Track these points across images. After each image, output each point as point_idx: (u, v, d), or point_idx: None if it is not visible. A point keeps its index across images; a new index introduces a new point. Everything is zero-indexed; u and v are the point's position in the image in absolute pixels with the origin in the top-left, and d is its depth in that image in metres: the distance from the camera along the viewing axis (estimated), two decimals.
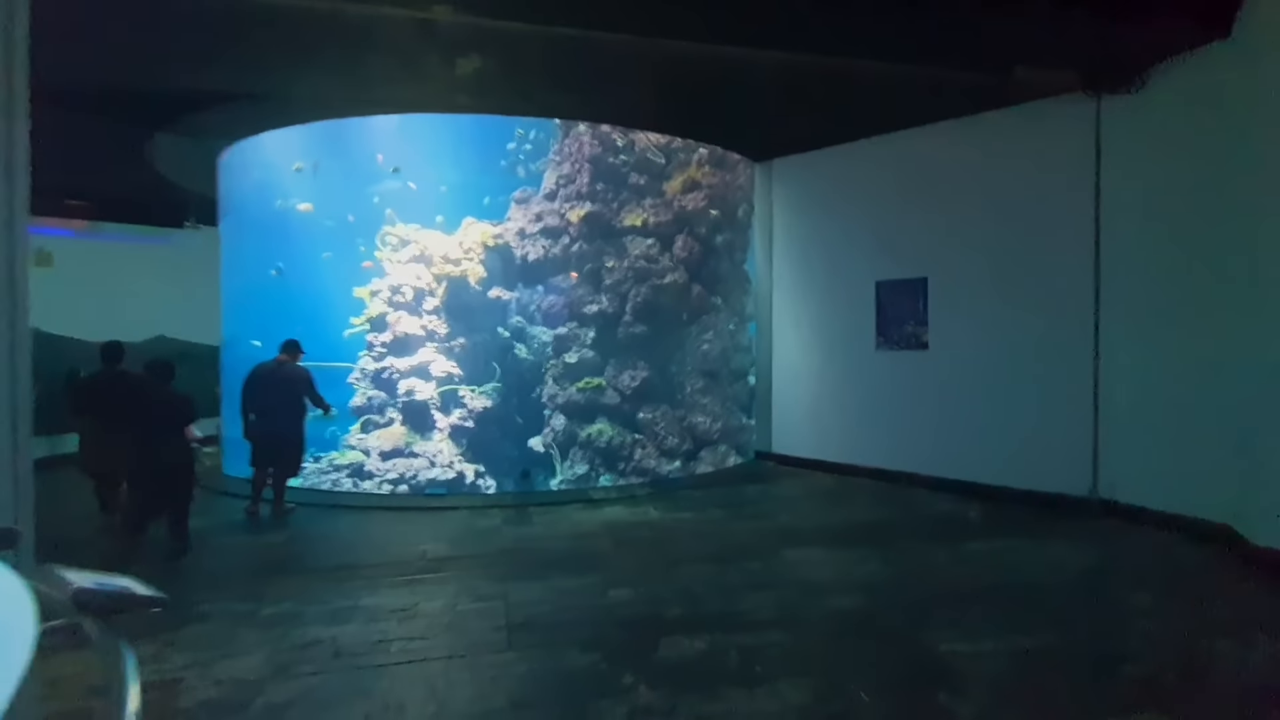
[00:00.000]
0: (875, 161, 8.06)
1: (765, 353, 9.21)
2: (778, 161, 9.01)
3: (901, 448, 7.84)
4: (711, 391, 9.16)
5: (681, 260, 9.05)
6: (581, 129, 9.13)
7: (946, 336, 7.52)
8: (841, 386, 8.35)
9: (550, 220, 9.28)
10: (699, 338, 9.17)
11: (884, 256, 7.99)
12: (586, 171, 9.10)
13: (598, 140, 9.10)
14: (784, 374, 9.04)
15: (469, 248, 9.06)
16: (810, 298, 8.72)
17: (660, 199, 9.13)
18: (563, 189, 9.29)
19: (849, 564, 5.03)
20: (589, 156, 9.10)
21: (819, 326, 8.63)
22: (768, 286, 9.13)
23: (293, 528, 6.19)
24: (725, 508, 6.84)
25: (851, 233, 8.27)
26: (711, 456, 9.03)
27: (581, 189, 9.11)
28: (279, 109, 6.93)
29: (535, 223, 9.31)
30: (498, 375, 9.33)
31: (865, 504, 7.06)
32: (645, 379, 8.93)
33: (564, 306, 9.12)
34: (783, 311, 9.04)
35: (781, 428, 9.08)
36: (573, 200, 9.18)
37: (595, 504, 7.09)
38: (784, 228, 9.02)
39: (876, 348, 8.02)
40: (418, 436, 8.80)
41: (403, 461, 8.56)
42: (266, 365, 6.59)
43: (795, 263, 8.91)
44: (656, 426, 8.92)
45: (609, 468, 8.84)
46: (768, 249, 9.14)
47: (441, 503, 7.03)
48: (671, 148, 9.23)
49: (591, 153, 9.09)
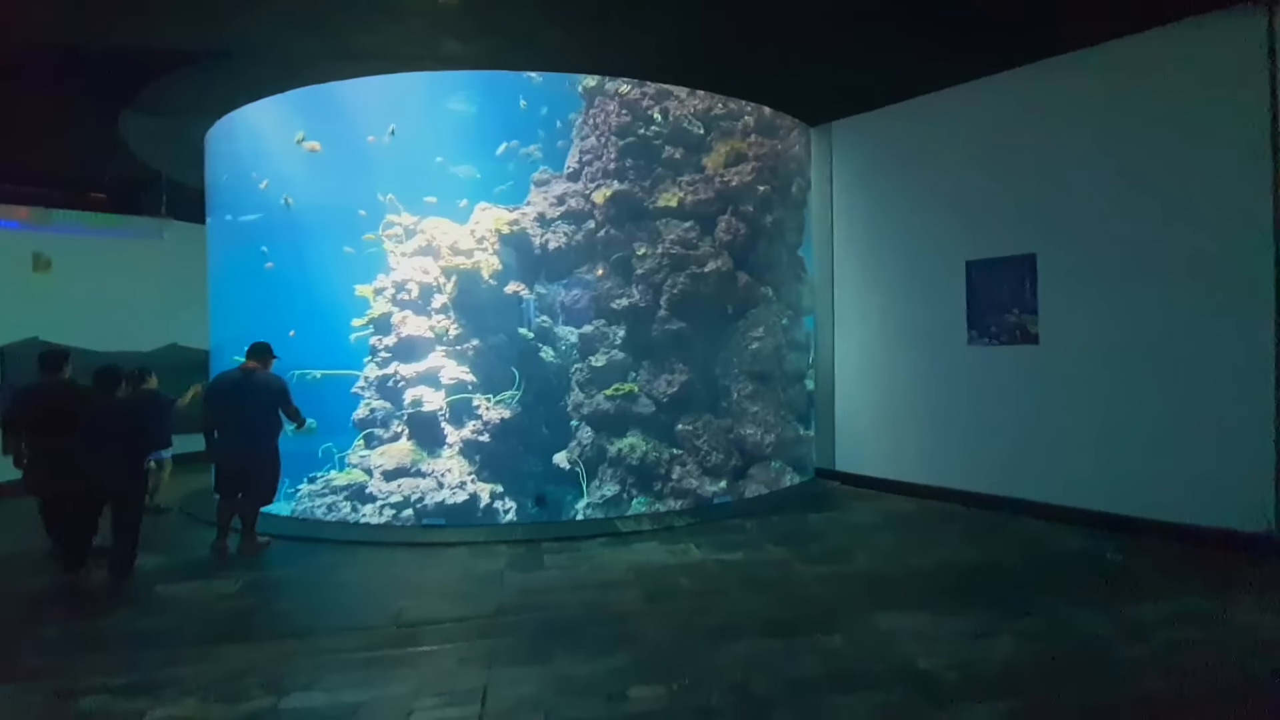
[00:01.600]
0: (962, 115, 6.51)
1: (826, 351, 7.73)
2: (838, 125, 7.53)
3: (1003, 467, 6.25)
4: (762, 397, 7.72)
5: (725, 245, 7.66)
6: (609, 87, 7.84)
7: (1063, 327, 5.92)
8: (923, 391, 6.81)
9: (574, 203, 8.02)
10: (746, 334, 7.75)
11: (976, 230, 6.43)
12: (613, 146, 7.81)
13: (625, 109, 7.80)
14: (849, 376, 7.54)
15: (481, 236, 7.89)
16: (881, 284, 7.21)
17: (699, 175, 7.77)
18: (587, 167, 8.02)
19: (971, 640, 3.57)
20: (615, 128, 7.80)
21: (893, 318, 7.10)
22: (827, 273, 7.66)
23: (257, 571, 5.06)
24: (785, 544, 5.41)
25: (933, 204, 6.74)
26: (763, 475, 7.59)
27: (608, 166, 7.83)
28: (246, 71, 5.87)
29: (556, 206, 8.07)
30: (517, 382, 8.13)
31: (963, 540, 5.53)
32: (684, 384, 7.56)
33: (589, 301, 7.84)
34: (846, 302, 7.55)
35: (847, 441, 7.58)
36: (598, 179, 7.90)
37: (623, 538, 5.75)
38: (846, 203, 7.54)
39: (969, 342, 6.46)
40: (425, 453, 7.64)
41: (409, 482, 7.41)
42: (231, 374, 5.50)
43: (861, 243, 7.41)
44: (698, 440, 7.54)
45: (643, 488, 7.50)
46: (827, 229, 7.67)
47: (440, 536, 5.82)
48: (712, 115, 7.86)
49: (619, 123, 7.79)
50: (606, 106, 7.83)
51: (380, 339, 7.88)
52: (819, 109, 7.36)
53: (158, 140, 6.82)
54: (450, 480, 7.40)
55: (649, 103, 7.76)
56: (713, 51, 6.06)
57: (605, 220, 7.74)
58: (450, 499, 7.23)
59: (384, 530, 6.22)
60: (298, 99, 6.73)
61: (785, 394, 7.87)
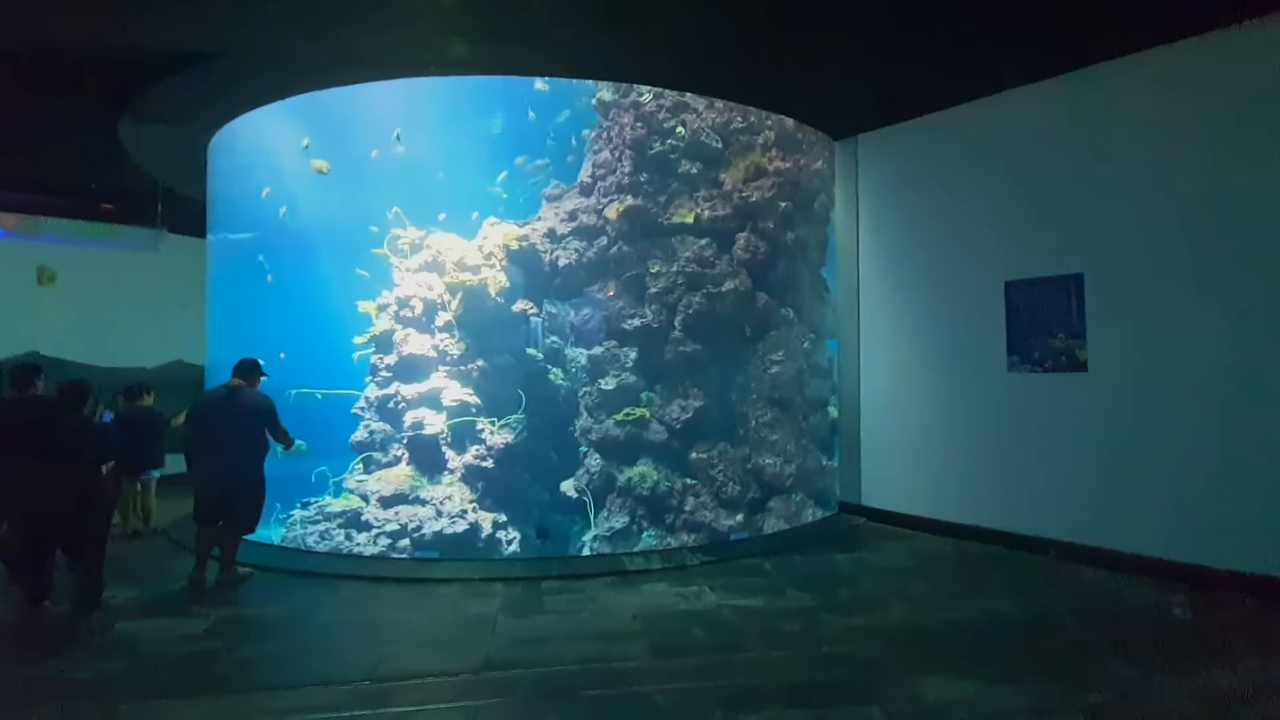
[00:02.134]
0: (1000, 125, 6.07)
1: (851, 377, 7.22)
2: (864, 138, 7.12)
3: (1050, 507, 5.66)
4: (782, 425, 7.22)
5: (743, 263, 7.24)
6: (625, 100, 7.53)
7: (1115, 353, 5.38)
8: (958, 420, 6.27)
9: (586, 218, 7.67)
10: (766, 358, 7.28)
11: (1017, 248, 5.94)
12: (628, 159, 7.47)
13: (641, 122, 7.48)
14: (876, 404, 7.01)
15: (489, 252, 7.55)
16: (911, 306, 6.72)
17: (717, 190, 7.39)
18: (600, 181, 7.69)
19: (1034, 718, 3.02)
20: (630, 141, 7.47)
21: (924, 343, 6.59)
22: (853, 294, 7.18)
23: (231, 608, 4.63)
24: (810, 588, 4.87)
25: (968, 220, 6.27)
26: (783, 509, 7.04)
27: (622, 180, 7.48)
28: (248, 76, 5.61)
29: (568, 222, 7.73)
30: (523, 405, 7.71)
31: (1009, 589, 4.94)
32: (699, 409, 7.10)
33: (600, 321, 7.43)
34: (874, 325, 7.06)
35: (874, 473, 7.02)
36: (611, 194, 7.56)
37: (631, 578, 5.24)
38: (873, 220, 7.09)
39: (1009, 369, 5.93)
40: (424, 479, 7.22)
41: (406, 509, 6.98)
42: (214, 393, 5.14)
43: (889, 263, 6.94)
44: (713, 469, 7.03)
45: (654, 520, 6.99)
46: (852, 247, 7.22)
47: (433, 572, 5.35)
48: (731, 129, 7.51)
49: (633, 137, 7.46)
50: (621, 119, 7.51)
51: (381, 358, 7.53)
52: (844, 121, 6.97)
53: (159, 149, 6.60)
54: (450, 508, 6.95)
55: (665, 115, 7.43)
56: (733, 58, 5.71)
57: (618, 236, 7.37)
58: (449, 528, 6.77)
59: (373, 564, 5.77)
60: (301, 107, 6.49)
61: (807, 422, 7.35)
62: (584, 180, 7.82)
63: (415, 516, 6.84)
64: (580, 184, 7.86)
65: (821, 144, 7.45)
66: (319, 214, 7.24)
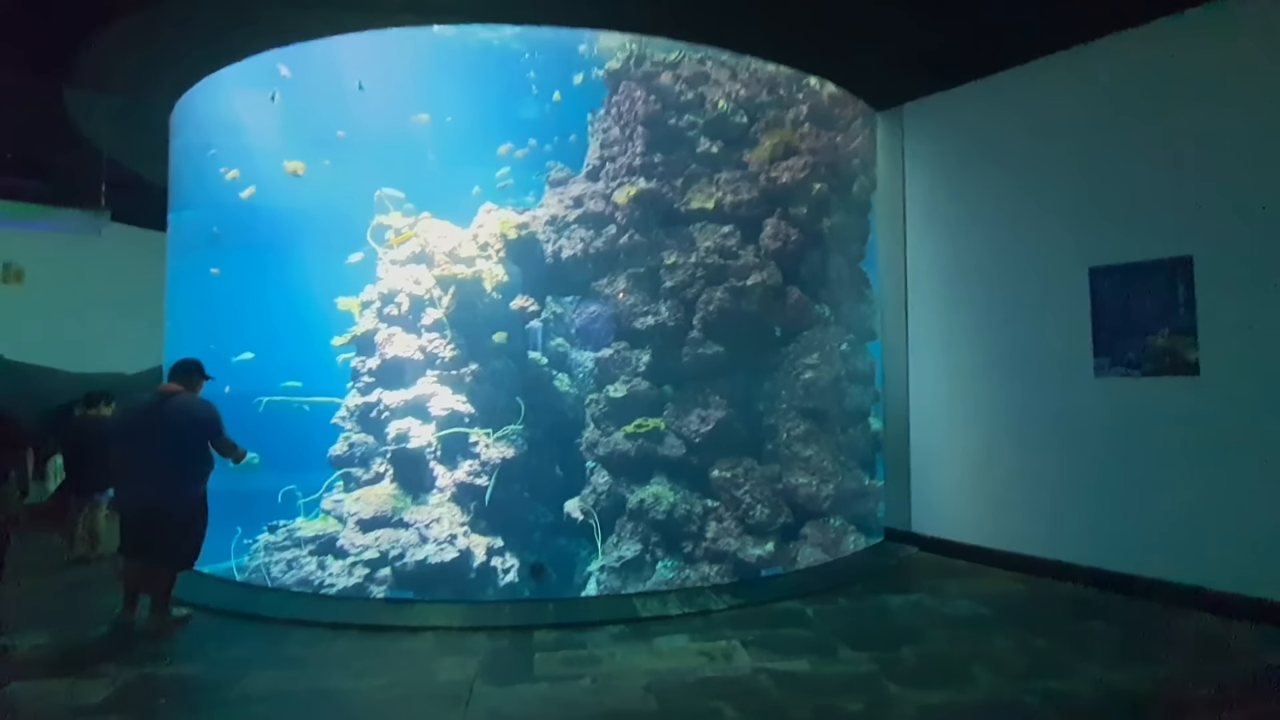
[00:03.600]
0: (1081, 84, 5.07)
1: (897, 384, 6.21)
2: (911, 108, 6.14)
3: (1151, 539, 4.61)
4: (817, 439, 6.21)
5: (772, 254, 6.28)
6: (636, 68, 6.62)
7: (1233, 351, 4.34)
8: (1031, 435, 5.24)
9: (592, 205, 6.76)
10: (798, 362, 6.30)
11: (1103, 229, 4.93)
12: (640, 138, 6.56)
13: (655, 95, 6.57)
14: (928, 416, 5.99)
15: (485, 242, 6.66)
16: (970, 302, 5.71)
17: (742, 171, 6.45)
18: (609, 163, 6.78)
19: None
20: (643, 117, 6.56)
21: (987, 344, 5.58)
22: (899, 289, 6.19)
23: (150, 666, 3.70)
24: (866, 646, 3.86)
25: (1040, 199, 5.27)
26: (820, 536, 6.02)
27: (633, 161, 6.57)
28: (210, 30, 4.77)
29: (572, 209, 6.82)
30: (523, 414, 6.79)
31: (1117, 645, 3.90)
32: (721, 421, 6.13)
33: (608, 320, 6.50)
34: (924, 324, 6.05)
35: (927, 496, 5.99)
36: (621, 177, 6.64)
37: (644, 627, 4.25)
38: (923, 203, 6.11)
39: (1097, 373, 4.90)
40: (409, 499, 6.30)
41: (387, 534, 6.05)
42: (142, 402, 4.25)
43: (943, 252, 5.95)
44: (738, 490, 6.04)
45: (669, 549, 6.00)
46: (898, 235, 6.23)
47: (404, 618, 4.40)
48: (757, 102, 6.57)
49: (647, 112, 6.55)
50: (633, 93, 6.61)
51: (363, 360, 6.65)
52: (886, 86, 5.99)
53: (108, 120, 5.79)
54: (437, 533, 6.02)
55: (682, 88, 6.53)
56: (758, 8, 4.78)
57: (628, 224, 6.44)
58: (436, 556, 5.83)
59: (335, 606, 4.82)
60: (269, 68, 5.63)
61: (845, 435, 6.34)
62: (591, 163, 6.92)
63: (397, 542, 5.91)
64: (587, 167, 6.96)
65: (862, 116, 6.49)
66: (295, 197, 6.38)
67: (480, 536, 6.30)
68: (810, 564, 5.71)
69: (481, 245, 6.60)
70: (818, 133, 6.38)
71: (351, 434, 6.58)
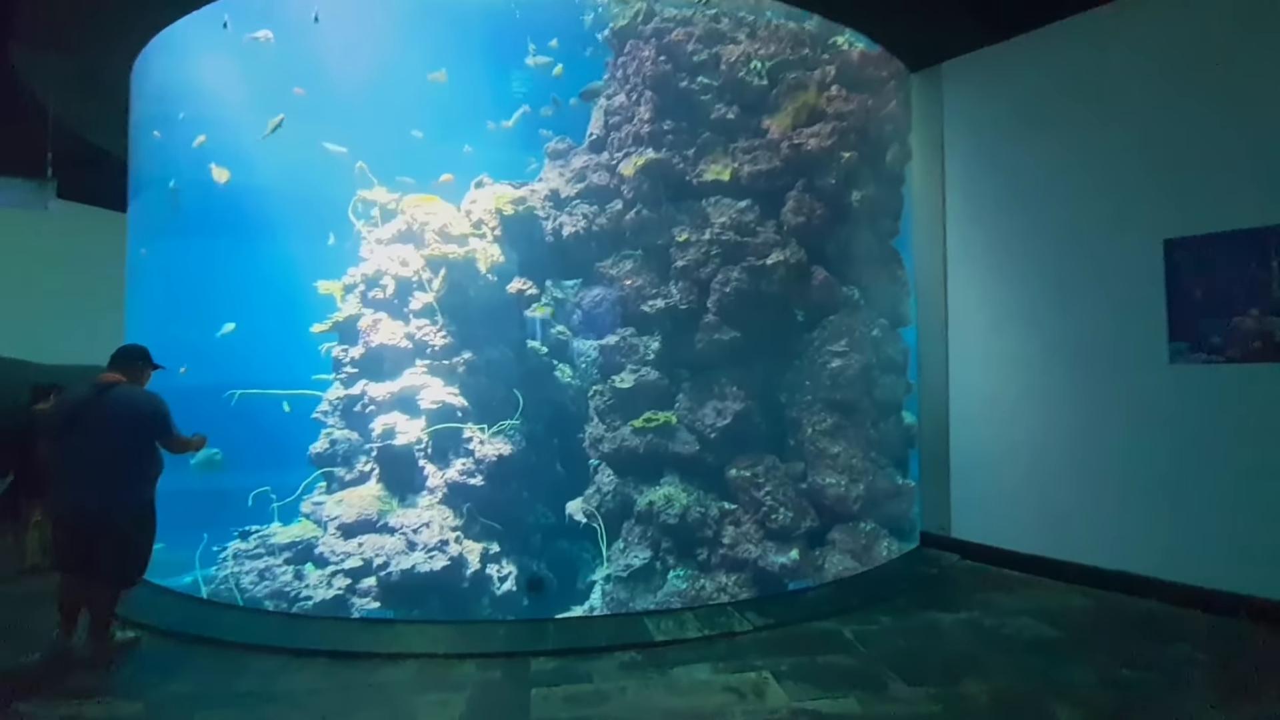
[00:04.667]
0: (1149, 32, 4.42)
1: (935, 373, 5.59)
2: (950, 66, 5.48)
3: (1237, 548, 3.99)
4: (845, 435, 5.59)
5: (795, 230, 5.63)
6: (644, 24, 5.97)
7: None
8: (1093, 429, 4.61)
9: (597, 178, 6.12)
10: (824, 349, 5.66)
11: (1180, 195, 4.29)
12: (648, 103, 5.91)
13: (665, 55, 5.93)
14: (971, 408, 5.37)
15: (479, 219, 6.05)
16: (1019, 280, 5.08)
17: (761, 140, 5.80)
18: (614, 131, 6.14)
19: None
20: (651, 79, 5.91)
21: (1040, 328, 4.94)
22: (937, 267, 5.56)
23: (76, 704, 3.14)
24: (922, 679, 3.25)
25: (1105, 163, 4.62)
26: (850, 541, 5.40)
27: (640, 129, 5.92)
28: None
29: (574, 183, 6.19)
30: (521, 408, 6.19)
31: (1213, 675, 3.30)
32: (739, 414, 5.50)
33: (614, 303, 5.89)
34: (966, 306, 5.42)
35: (969, 497, 5.37)
36: (627, 147, 6.01)
37: (658, 654, 3.66)
38: (966, 170, 5.46)
39: (1172, 359, 4.27)
40: (395, 501, 5.71)
41: (372, 540, 5.46)
42: (77, 393, 3.66)
43: (988, 226, 5.31)
44: (758, 490, 5.43)
45: (683, 556, 5.39)
46: (936, 209, 5.59)
47: (380, 643, 3.81)
48: (778, 61, 5.93)
49: (655, 73, 5.89)
50: (640, 53, 5.95)
51: (345, 350, 6.05)
52: (923, 43, 5.33)
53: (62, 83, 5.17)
54: (427, 538, 5.44)
55: (695, 46, 5.88)
56: None
57: (635, 198, 5.81)
58: (425, 565, 5.24)
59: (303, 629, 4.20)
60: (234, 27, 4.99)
61: (876, 430, 5.71)
62: (594, 133, 6.28)
63: (382, 549, 5.32)
64: (589, 137, 6.32)
65: (896, 77, 5.82)
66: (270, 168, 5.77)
67: (474, 541, 5.72)
68: (840, 573, 5.11)
69: (475, 223, 5.98)
70: (846, 96, 5.71)
71: (334, 430, 5.99)
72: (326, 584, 5.14)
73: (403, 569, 5.18)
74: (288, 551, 5.41)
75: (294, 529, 5.58)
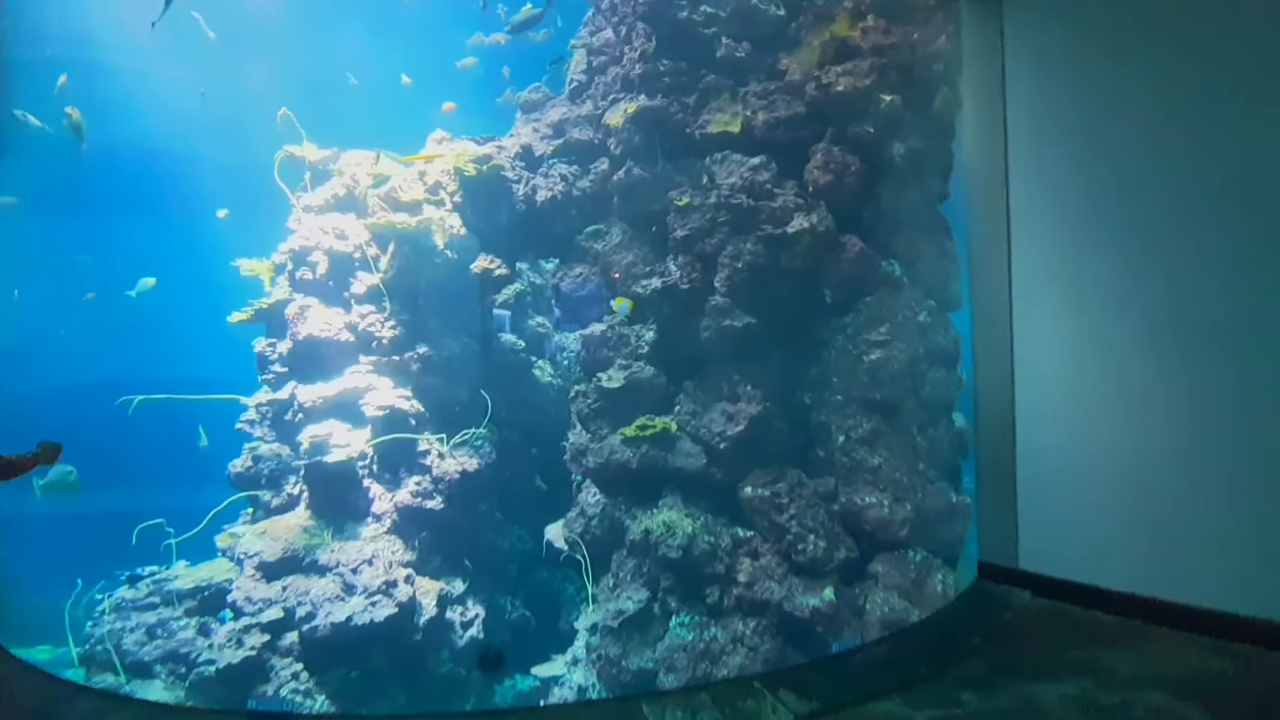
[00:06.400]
0: None
1: (995, 364, 4.50)
2: None
3: None
4: (887, 443, 4.48)
5: (822, 191, 4.52)
6: None
7: None
8: (1220, 436, 3.54)
9: (579, 133, 5.00)
10: (860, 338, 4.54)
11: None
12: (640, 38, 4.79)
13: None
14: (1043, 407, 4.29)
15: (436, 182, 4.91)
16: (1114, 246, 3.98)
17: (778, 82, 4.69)
18: (599, 75, 5.02)
19: None
20: (645, 8, 4.79)
21: (1144, 303, 3.84)
22: (998, 234, 4.46)
23: None
24: None
25: (1225, 96, 3.55)
26: (897, 575, 4.29)
27: (631, 72, 4.80)
28: None
29: (550, 139, 5.07)
30: (490, 413, 5.08)
31: None
32: (755, 419, 4.40)
33: (599, 284, 4.77)
34: (1036, 280, 4.33)
35: (1042, 519, 4.28)
36: (615, 92, 4.88)
37: None
38: (1033, 115, 4.36)
39: None
40: (328, 532, 4.57)
41: (298, 582, 4.32)
42: None
43: (1067, 179, 4.21)
44: (781, 514, 4.32)
45: (687, 597, 4.27)
46: (996, 165, 4.49)
47: None
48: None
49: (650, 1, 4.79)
50: None
51: (273, 344, 4.89)
52: None
53: None
54: (369, 579, 4.31)
55: None
56: None
57: (625, 154, 4.68)
58: (363, 616, 4.13)
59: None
60: None
61: (924, 437, 4.61)
62: (575, 78, 5.15)
63: (308, 595, 4.19)
64: (570, 84, 5.19)
65: (944, 10, 4.72)
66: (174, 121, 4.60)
67: (431, 580, 4.60)
68: (888, 618, 4.02)
69: (431, 186, 4.85)
70: (886, 26, 4.60)
71: (260, 443, 4.84)
72: (236, 642, 4.00)
73: (334, 621, 4.06)
74: (192, 599, 4.27)
75: (202, 570, 4.43)
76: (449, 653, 4.48)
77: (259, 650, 3.98)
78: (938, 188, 4.87)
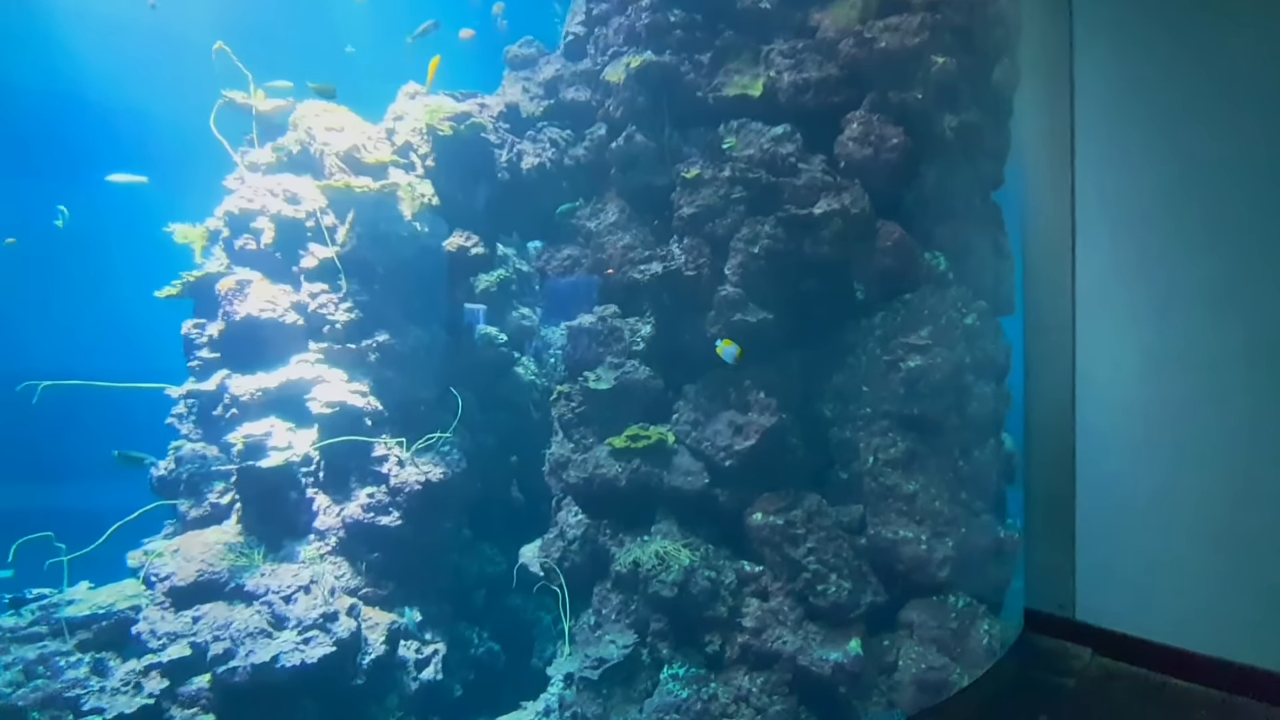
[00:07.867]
0: None
1: (1054, 379, 3.81)
2: None
3: None
4: (925, 467, 3.78)
5: (857, 167, 3.83)
6: None
7: None
8: None
9: (573, 93, 4.30)
10: (895, 342, 3.83)
11: None
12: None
13: None
14: (1111, 429, 3.61)
15: (405, 142, 4.18)
16: (1209, 246, 3.30)
17: (807, 40, 4.00)
18: (598, 27, 4.30)
19: None
20: None
21: (1243, 312, 3.21)
22: (1061, 228, 3.78)
23: None
24: None
25: None
26: (933, 624, 3.58)
27: (636, 24, 4.09)
28: None
29: (540, 99, 4.35)
30: (460, 413, 4.35)
31: None
32: (768, 432, 3.71)
33: (589, 268, 4.06)
34: (1108, 283, 3.65)
35: (1107, 564, 3.59)
36: (618, 45, 4.17)
37: None
38: (1108, 89, 3.69)
39: None
40: (259, 550, 3.82)
41: (217, 610, 3.58)
42: None
43: (1148, 167, 3.55)
44: (796, 547, 3.62)
45: (682, 645, 3.57)
46: (1062, 144, 3.83)
47: None
48: None
49: None
50: None
51: (201, 326, 4.14)
52: None
53: None
54: (304, 610, 3.57)
55: None
56: None
57: (626, 118, 3.97)
58: (295, 655, 3.38)
59: None
60: None
61: (969, 461, 3.90)
62: (572, 31, 4.43)
63: (227, 630, 3.45)
64: (565, 38, 4.47)
65: None
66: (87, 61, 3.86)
67: (382, 611, 3.86)
68: (925, 677, 3.31)
69: (399, 147, 4.12)
70: None
71: (185, 443, 4.09)
72: (134, 687, 3.25)
73: (257, 662, 3.31)
74: (86, 630, 3.50)
75: (105, 593, 3.67)
76: (398, 699, 3.74)
77: (158, 698, 3.23)
78: (992, 172, 4.17)
